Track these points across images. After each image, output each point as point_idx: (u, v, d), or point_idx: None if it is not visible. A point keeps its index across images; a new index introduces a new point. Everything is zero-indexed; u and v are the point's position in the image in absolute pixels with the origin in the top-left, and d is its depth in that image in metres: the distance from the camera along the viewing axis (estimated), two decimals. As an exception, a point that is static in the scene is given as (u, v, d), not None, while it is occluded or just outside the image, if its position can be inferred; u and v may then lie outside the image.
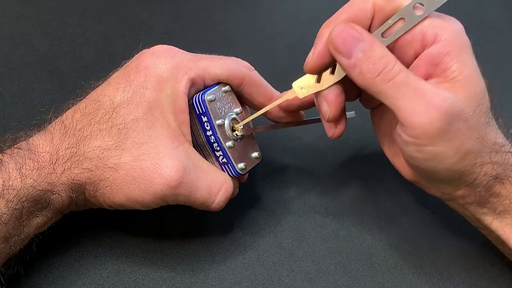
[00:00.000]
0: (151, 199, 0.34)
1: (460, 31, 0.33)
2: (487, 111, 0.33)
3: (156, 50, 0.36)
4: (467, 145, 0.32)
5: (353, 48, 0.32)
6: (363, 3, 0.33)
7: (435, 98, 0.31)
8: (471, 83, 0.32)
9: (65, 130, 0.34)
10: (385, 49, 0.32)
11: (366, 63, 0.32)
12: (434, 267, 0.40)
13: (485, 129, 0.33)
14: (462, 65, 0.32)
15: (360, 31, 0.32)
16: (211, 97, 0.36)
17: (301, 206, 0.42)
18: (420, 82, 0.31)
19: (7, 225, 0.31)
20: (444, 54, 0.32)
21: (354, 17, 0.33)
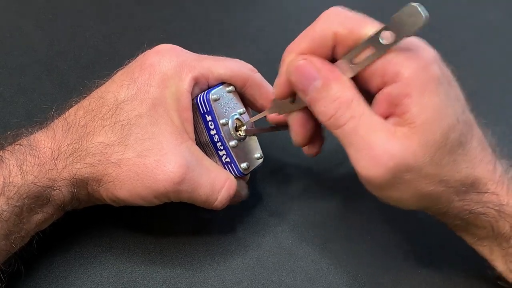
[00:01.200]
0: (154, 195, 0.34)
1: (426, 65, 0.30)
2: (455, 148, 0.31)
3: (160, 49, 0.37)
4: (424, 190, 0.31)
5: (308, 85, 0.31)
6: (323, 31, 0.31)
7: (382, 155, 0.30)
8: (429, 128, 0.30)
9: (68, 127, 0.34)
10: (340, 89, 0.31)
11: (319, 104, 0.31)
12: (434, 267, 0.40)
13: (452, 168, 0.31)
14: (421, 109, 0.29)
15: (318, 67, 0.31)
16: (216, 96, 0.36)
17: (301, 206, 0.42)
18: (370, 132, 0.30)
19: (7, 222, 0.31)
20: (403, 95, 0.30)
21: (314, 45, 0.31)
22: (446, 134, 0.30)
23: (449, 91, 0.31)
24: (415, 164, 0.30)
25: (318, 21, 0.32)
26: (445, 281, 0.39)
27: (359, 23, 0.31)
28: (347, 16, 0.32)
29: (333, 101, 0.30)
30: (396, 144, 0.30)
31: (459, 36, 0.58)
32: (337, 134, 0.31)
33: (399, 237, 0.41)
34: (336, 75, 0.31)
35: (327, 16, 0.32)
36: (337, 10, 0.32)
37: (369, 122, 0.30)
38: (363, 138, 0.30)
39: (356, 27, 0.31)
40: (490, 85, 0.54)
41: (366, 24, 0.31)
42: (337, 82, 0.31)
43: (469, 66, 0.55)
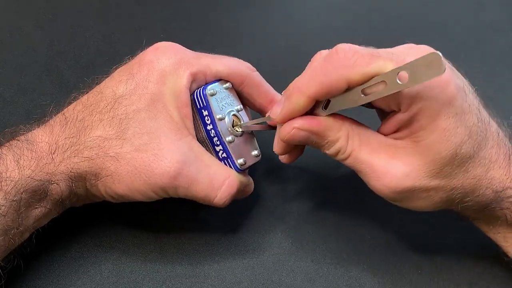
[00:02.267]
0: (152, 189, 0.34)
1: (440, 93, 0.30)
2: (466, 159, 0.32)
3: (159, 46, 0.37)
4: (437, 199, 0.33)
5: (306, 142, 0.34)
6: (335, 79, 0.31)
7: (384, 176, 0.32)
8: (432, 149, 0.31)
9: (66, 121, 0.35)
10: (335, 134, 0.33)
11: (321, 149, 0.35)
12: (434, 267, 0.40)
13: (464, 176, 0.32)
14: (428, 132, 0.31)
15: (308, 128, 0.33)
16: (212, 91, 0.37)
17: (301, 206, 0.42)
18: (372, 156, 0.33)
19: (5, 217, 0.31)
20: (414, 121, 0.31)
21: (326, 91, 0.31)
22: (453, 152, 0.31)
23: (463, 105, 0.31)
24: (419, 181, 0.32)
25: (329, 65, 0.31)
26: (445, 281, 0.39)
27: (370, 63, 0.30)
28: (358, 56, 0.31)
29: (332, 145, 0.34)
30: (397, 164, 0.32)
31: (459, 36, 0.58)
32: (346, 164, 0.34)
33: (399, 237, 0.41)
34: (325, 124, 0.33)
35: (338, 60, 0.31)
36: (347, 52, 0.31)
37: (369, 146, 0.33)
38: (366, 163, 0.33)
39: (368, 68, 0.30)
40: (490, 85, 0.54)
41: (377, 62, 0.30)
42: (329, 130, 0.33)
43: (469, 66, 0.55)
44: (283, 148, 0.36)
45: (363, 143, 0.33)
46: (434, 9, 0.62)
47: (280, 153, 0.37)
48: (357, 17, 0.60)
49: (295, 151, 0.37)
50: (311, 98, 0.32)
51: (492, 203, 0.34)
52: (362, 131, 0.34)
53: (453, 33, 0.59)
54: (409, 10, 0.62)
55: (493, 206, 0.34)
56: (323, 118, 0.33)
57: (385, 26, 0.59)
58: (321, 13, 0.60)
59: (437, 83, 0.30)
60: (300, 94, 0.32)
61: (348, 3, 0.62)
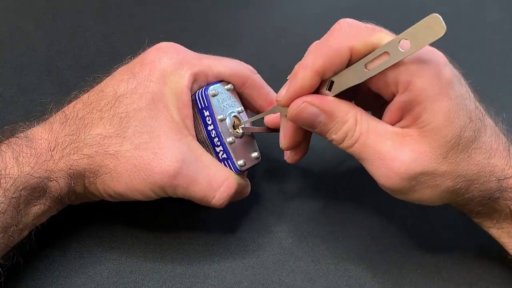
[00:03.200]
0: (150, 188, 0.34)
1: (438, 71, 0.31)
2: (469, 144, 0.32)
3: (161, 46, 0.37)
4: (443, 187, 0.33)
5: (314, 121, 0.33)
6: (339, 47, 0.31)
7: (392, 162, 0.32)
8: (438, 133, 0.31)
9: (66, 119, 0.35)
10: (344, 115, 0.32)
11: (328, 133, 0.33)
12: (434, 267, 0.40)
13: (469, 162, 0.32)
14: (432, 115, 0.31)
15: (318, 105, 0.32)
16: (214, 92, 0.37)
17: (301, 206, 0.42)
18: (379, 142, 0.32)
19: (4, 214, 0.31)
20: (415, 103, 0.31)
21: (330, 62, 0.31)
22: (458, 135, 0.31)
23: (461, 90, 0.32)
24: (428, 166, 0.31)
25: (331, 37, 0.32)
26: (445, 280, 0.39)
27: (373, 34, 0.31)
28: (360, 28, 0.32)
29: (341, 127, 0.33)
30: (405, 150, 0.32)
31: (459, 36, 0.58)
32: (351, 152, 0.33)
33: (399, 237, 0.41)
34: (335, 104, 0.33)
35: (339, 30, 0.31)
36: (348, 23, 0.32)
37: (377, 133, 0.32)
38: (373, 150, 0.32)
39: (371, 38, 0.31)
40: (490, 85, 0.54)
41: (380, 34, 0.31)
42: (339, 110, 0.33)
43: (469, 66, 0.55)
44: (290, 139, 0.36)
45: (371, 128, 0.33)
46: (434, 9, 0.62)
47: (287, 146, 0.36)
48: (357, 17, 0.60)
49: (300, 148, 0.37)
50: (317, 72, 0.32)
51: (495, 192, 0.34)
52: (370, 118, 0.33)
53: (453, 33, 0.59)
54: (409, 10, 0.62)
55: (496, 196, 0.34)
56: (332, 98, 0.33)
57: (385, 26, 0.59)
58: (321, 13, 0.60)
59: (434, 64, 0.30)
60: (305, 70, 0.32)
61: (348, 3, 0.62)
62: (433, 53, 0.31)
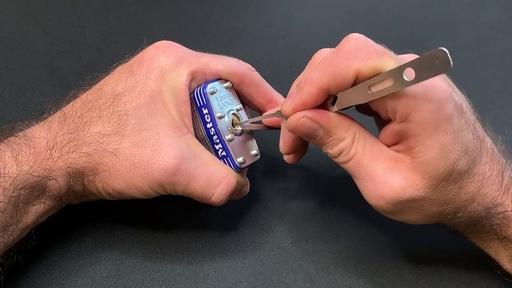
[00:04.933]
0: (150, 185, 0.34)
1: (438, 107, 0.30)
2: (461, 176, 0.32)
3: (159, 45, 0.37)
4: (430, 212, 0.33)
5: (312, 135, 0.33)
6: (345, 69, 0.31)
7: (381, 186, 0.32)
8: (431, 166, 0.31)
9: (64, 118, 0.35)
10: (342, 132, 0.33)
11: (325, 147, 0.34)
12: (434, 267, 0.40)
13: (458, 192, 0.33)
14: (425, 149, 0.31)
15: (318, 121, 0.33)
16: (212, 90, 0.37)
17: (301, 206, 0.42)
18: (372, 163, 0.33)
19: (4, 213, 0.31)
20: (411, 134, 0.31)
21: (336, 82, 0.31)
22: (450, 168, 0.31)
23: (460, 123, 0.31)
24: (416, 195, 0.32)
25: (339, 55, 0.31)
26: (445, 280, 0.39)
27: (380, 59, 0.30)
28: (369, 51, 0.31)
29: (338, 144, 0.33)
30: (396, 176, 0.32)
31: (459, 36, 0.58)
32: (345, 167, 0.34)
33: (399, 237, 0.41)
34: (335, 121, 0.33)
35: (348, 52, 0.31)
36: (358, 42, 0.31)
37: (372, 154, 0.33)
38: (366, 170, 0.33)
39: (378, 64, 0.30)
40: (490, 85, 0.54)
41: (387, 59, 0.30)
42: (337, 128, 0.33)
43: (469, 66, 0.55)
44: (290, 145, 0.36)
45: (367, 149, 0.33)
46: (434, 9, 0.62)
47: (286, 151, 0.37)
48: (357, 17, 0.60)
49: (299, 150, 0.37)
50: (322, 89, 0.32)
51: (482, 219, 0.34)
52: (368, 136, 0.33)
53: (453, 33, 0.59)
54: (409, 10, 0.62)
55: (483, 222, 0.35)
56: (333, 114, 0.33)
57: (385, 26, 0.59)
58: (321, 13, 0.60)
59: (436, 99, 0.30)
60: (311, 85, 0.32)
61: (348, 3, 0.62)
62: (437, 86, 0.31)
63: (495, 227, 0.35)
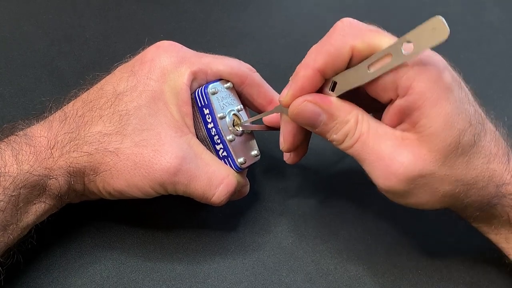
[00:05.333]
0: (151, 185, 0.34)
1: (437, 75, 0.30)
2: (468, 148, 0.32)
3: (161, 45, 0.37)
4: (441, 191, 0.32)
5: (315, 120, 0.33)
6: (340, 46, 0.31)
7: (391, 163, 0.31)
8: (437, 137, 0.31)
9: (65, 117, 0.35)
10: (345, 115, 0.32)
11: (329, 133, 0.33)
12: (434, 267, 0.40)
13: (467, 167, 0.32)
14: (430, 120, 0.30)
15: (320, 104, 0.32)
16: (214, 90, 0.37)
17: (301, 206, 0.42)
18: (379, 143, 0.32)
19: (4, 212, 0.31)
20: (414, 108, 0.31)
21: (331, 60, 0.31)
22: (457, 139, 0.31)
23: (461, 94, 0.31)
24: (426, 169, 0.31)
25: (333, 35, 0.32)
26: (445, 281, 0.39)
27: (375, 35, 0.31)
28: (362, 28, 0.31)
29: (341, 127, 0.33)
30: (404, 152, 0.31)
31: (459, 36, 0.58)
32: (351, 153, 0.33)
33: (399, 237, 0.41)
34: (337, 104, 0.33)
35: (342, 29, 0.31)
36: (350, 22, 0.32)
37: (377, 134, 0.32)
38: (373, 150, 0.32)
39: (372, 39, 0.31)
40: (490, 85, 0.54)
41: (382, 36, 0.31)
42: (340, 110, 0.33)
43: (469, 66, 0.55)
44: (290, 142, 0.36)
45: (372, 130, 0.32)
46: (434, 9, 0.62)
47: (287, 148, 0.36)
48: (357, 17, 0.60)
49: (299, 149, 0.37)
50: (318, 70, 0.32)
51: (494, 198, 0.34)
52: (371, 118, 0.33)
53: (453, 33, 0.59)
54: (409, 10, 0.62)
55: (495, 202, 0.34)
56: (334, 98, 0.33)
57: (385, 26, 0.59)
58: (321, 13, 0.60)
59: (434, 69, 0.30)
60: (307, 68, 0.32)
61: (348, 3, 0.62)
62: (432, 57, 0.31)
63: (506, 209, 0.34)
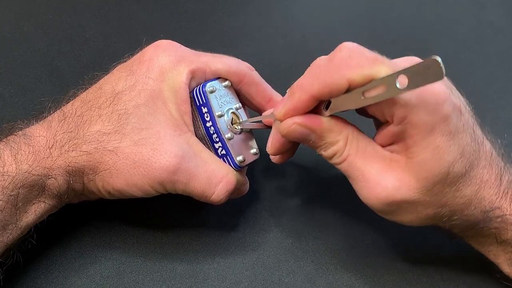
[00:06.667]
0: (150, 184, 0.34)
1: (435, 110, 0.30)
2: (458, 179, 0.32)
3: (159, 44, 0.38)
4: (425, 214, 0.33)
5: (304, 139, 0.34)
6: (338, 79, 0.31)
7: (375, 186, 0.32)
8: (425, 166, 0.31)
9: (64, 117, 0.35)
10: (335, 136, 0.33)
11: (318, 150, 0.34)
12: (434, 267, 0.40)
13: (454, 195, 0.32)
14: (421, 149, 0.31)
15: (309, 126, 0.33)
16: (212, 89, 0.37)
17: (301, 205, 0.42)
18: (366, 164, 0.33)
19: (3, 212, 0.31)
20: (407, 135, 0.31)
21: (327, 90, 0.31)
22: (445, 171, 0.31)
23: (458, 124, 0.31)
24: (410, 197, 0.32)
25: (331, 63, 0.31)
26: (445, 281, 0.39)
27: (373, 67, 0.30)
28: (361, 59, 0.31)
29: (331, 146, 0.33)
30: (389, 177, 0.32)
31: (459, 36, 0.58)
32: (339, 168, 0.34)
33: (399, 237, 0.41)
34: (327, 125, 0.33)
35: (341, 60, 0.31)
36: (350, 52, 0.31)
37: (365, 155, 0.33)
38: (359, 171, 0.33)
39: (371, 72, 0.30)
40: (490, 85, 0.54)
41: (380, 66, 0.30)
42: (330, 131, 0.33)
43: (469, 66, 0.55)
44: (277, 148, 0.36)
45: (360, 150, 0.33)
46: (434, 9, 0.62)
47: (273, 152, 0.37)
48: (357, 17, 0.60)
49: (287, 152, 0.37)
50: (314, 96, 0.32)
51: (479, 223, 0.34)
52: (361, 138, 0.33)
53: (453, 33, 0.59)
54: (409, 10, 0.62)
55: (481, 226, 0.34)
56: (325, 119, 0.33)
57: (385, 26, 0.59)
58: (321, 13, 0.60)
59: (433, 100, 0.30)
60: (302, 92, 0.32)
61: (348, 3, 0.62)
62: (433, 89, 0.30)
63: (493, 231, 0.35)
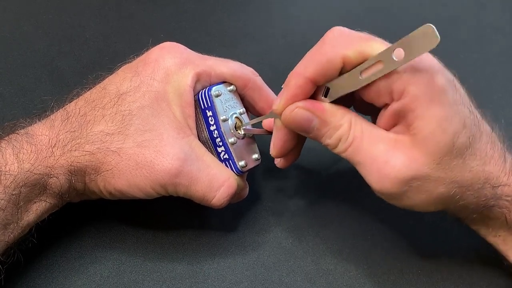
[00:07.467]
0: (152, 186, 0.34)
1: (431, 78, 0.30)
2: (463, 150, 0.32)
3: (165, 46, 0.37)
4: (436, 193, 0.32)
5: (308, 126, 0.33)
6: (332, 55, 0.31)
7: (384, 166, 0.32)
8: (431, 140, 0.31)
9: (67, 116, 0.35)
10: (338, 120, 0.33)
11: (323, 138, 0.34)
12: (434, 267, 0.40)
13: (462, 168, 0.32)
14: (424, 122, 0.30)
15: (312, 110, 0.33)
16: (217, 92, 0.37)
17: (301, 206, 0.42)
18: (372, 146, 0.32)
19: (4, 211, 0.31)
20: (408, 110, 0.31)
21: (323, 69, 0.31)
22: (451, 141, 0.31)
23: (455, 96, 0.31)
24: (420, 172, 0.31)
25: (324, 44, 0.32)
26: (446, 280, 0.39)
27: (366, 43, 0.31)
28: (353, 37, 0.31)
29: (335, 132, 0.33)
30: (398, 154, 0.31)
31: (459, 36, 0.58)
32: (345, 156, 0.33)
33: (399, 237, 0.41)
34: (329, 109, 0.33)
35: (333, 38, 0.31)
36: (341, 31, 0.32)
37: (371, 137, 0.32)
38: (366, 153, 0.32)
39: (364, 47, 0.31)
40: (490, 85, 0.54)
41: (373, 43, 0.31)
42: (332, 116, 0.33)
43: (469, 66, 0.55)
44: (280, 148, 0.36)
45: (365, 132, 0.33)
46: (434, 9, 0.62)
47: (276, 154, 0.36)
48: (357, 16, 0.60)
49: (290, 154, 0.37)
50: (309, 79, 0.32)
51: (490, 200, 0.34)
52: (364, 122, 0.33)
53: (453, 33, 0.59)
54: (409, 10, 0.62)
55: (491, 203, 0.34)
56: (327, 104, 0.33)
57: (385, 26, 0.59)
58: (321, 13, 0.60)
59: (428, 70, 0.30)
60: (298, 77, 0.32)
61: (348, 2, 0.62)
62: (426, 60, 0.31)
63: (503, 211, 0.34)
